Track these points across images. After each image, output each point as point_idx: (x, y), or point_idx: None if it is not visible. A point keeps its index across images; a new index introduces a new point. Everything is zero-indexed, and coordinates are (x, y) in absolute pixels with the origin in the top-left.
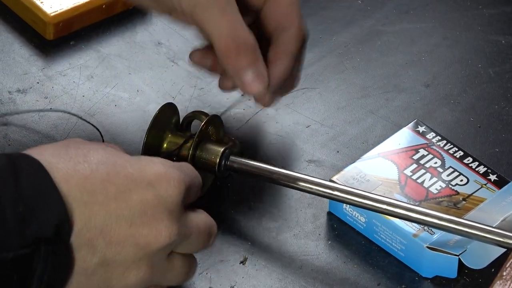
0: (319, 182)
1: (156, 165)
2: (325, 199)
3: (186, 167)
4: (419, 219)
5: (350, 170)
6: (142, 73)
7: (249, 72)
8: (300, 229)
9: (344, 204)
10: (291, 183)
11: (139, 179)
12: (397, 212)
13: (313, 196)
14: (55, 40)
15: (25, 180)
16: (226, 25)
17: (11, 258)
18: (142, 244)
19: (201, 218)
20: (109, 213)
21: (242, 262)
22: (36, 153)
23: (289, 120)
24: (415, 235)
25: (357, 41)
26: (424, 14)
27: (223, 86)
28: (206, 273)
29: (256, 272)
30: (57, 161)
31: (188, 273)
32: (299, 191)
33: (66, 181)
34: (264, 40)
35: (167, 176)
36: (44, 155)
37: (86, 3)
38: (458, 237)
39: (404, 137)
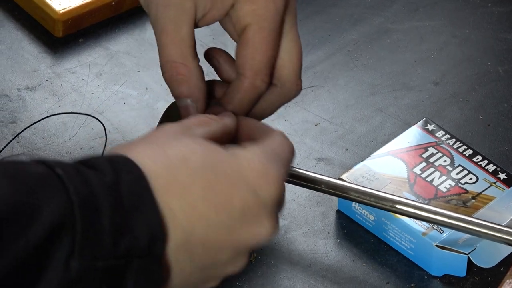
0: (328, 181)
1: (255, 164)
2: (334, 197)
3: (280, 146)
4: (428, 217)
5: (359, 168)
6: (151, 71)
7: (183, 100)
8: (309, 227)
9: (353, 203)
10: (299, 181)
11: (239, 182)
12: (406, 211)
13: (322, 194)
14: (64, 37)
15: (125, 188)
16: (164, 48)
17: (101, 267)
18: (241, 247)
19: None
20: (210, 223)
21: (251, 260)
22: (133, 153)
23: (298, 118)
24: (424, 234)
25: (366, 39)
26: (433, 12)
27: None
28: None
29: (264, 270)
30: (156, 167)
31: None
32: (308, 189)
33: (166, 191)
34: None
35: (266, 176)
36: (142, 157)
37: (95, 0)
38: (467, 236)
39: (413, 135)
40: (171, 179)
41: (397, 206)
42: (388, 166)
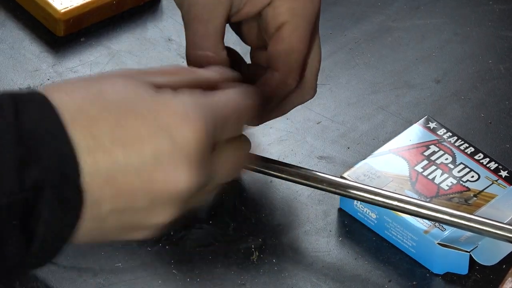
0: (330, 179)
1: (177, 105)
2: (336, 195)
3: (223, 101)
4: (430, 215)
5: (361, 167)
6: None
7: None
8: (311, 225)
9: (355, 201)
10: (301, 179)
11: (153, 123)
12: (408, 209)
13: (323, 192)
14: (66, 36)
15: (27, 121)
16: (195, 36)
17: (6, 203)
18: (158, 194)
19: (230, 160)
20: (114, 160)
21: (253, 259)
22: (53, 90)
23: (300, 116)
24: (426, 232)
25: (368, 37)
26: (434, 10)
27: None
28: (217, 270)
29: (266, 268)
30: (69, 100)
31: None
32: (309, 188)
33: (72, 123)
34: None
35: (186, 119)
36: (59, 93)
37: None
38: (469, 234)
39: (415, 133)
40: (79, 112)
41: (399, 204)
42: (390, 164)
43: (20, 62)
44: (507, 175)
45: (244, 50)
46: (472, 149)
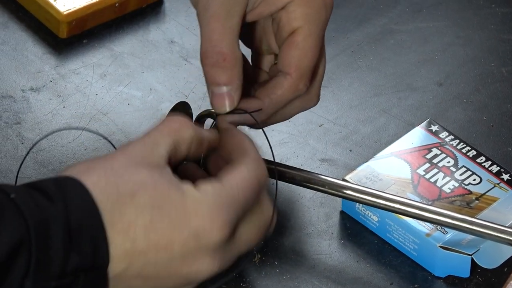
0: (332, 181)
1: (202, 209)
2: (337, 198)
3: (241, 189)
4: (432, 218)
5: (363, 169)
6: (155, 72)
7: (220, 87)
8: (313, 228)
9: (357, 204)
10: (303, 182)
11: (182, 225)
12: (410, 212)
13: (325, 195)
14: (68, 38)
15: (74, 213)
16: (213, 33)
17: (53, 285)
18: (183, 280)
19: (253, 231)
20: (148, 260)
21: (255, 261)
22: (87, 182)
23: (302, 119)
24: (428, 235)
25: (370, 39)
26: (437, 13)
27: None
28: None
29: (268, 271)
30: (106, 200)
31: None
32: (311, 190)
33: (111, 225)
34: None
35: (211, 220)
36: (94, 189)
37: (99, 1)
38: (471, 237)
39: (417, 136)
40: (117, 215)
41: (401, 207)
42: (392, 167)
43: (23, 64)
44: (509, 178)
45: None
46: (474, 152)
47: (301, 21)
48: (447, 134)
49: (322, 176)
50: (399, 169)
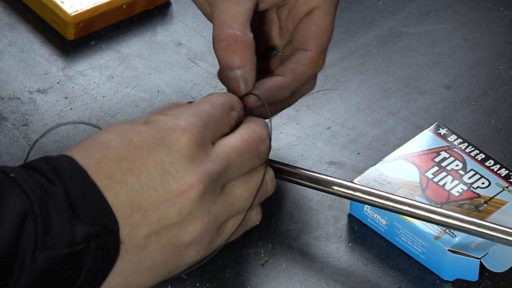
0: (340, 183)
1: (160, 123)
2: (345, 201)
3: (201, 105)
4: (441, 220)
5: (371, 173)
6: (162, 74)
7: (234, 71)
8: (321, 231)
9: (365, 206)
10: (312, 183)
11: (148, 143)
12: (419, 214)
13: (333, 198)
14: (76, 40)
15: (71, 183)
16: (225, 17)
17: (64, 254)
18: (180, 200)
19: (237, 138)
20: (130, 187)
21: (263, 264)
22: (70, 153)
23: (310, 122)
24: (436, 238)
25: (378, 42)
26: (445, 16)
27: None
28: (227, 275)
29: (276, 274)
30: (76, 151)
31: (260, 190)
32: (319, 192)
33: (88, 171)
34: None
35: (173, 129)
36: (76, 152)
37: (107, 3)
38: (479, 240)
39: (425, 139)
40: (86, 159)
41: (410, 209)
42: (400, 170)
43: (30, 65)
44: None
45: None
46: (483, 156)
47: (317, 1)
48: (455, 137)
49: (330, 178)
50: (407, 172)
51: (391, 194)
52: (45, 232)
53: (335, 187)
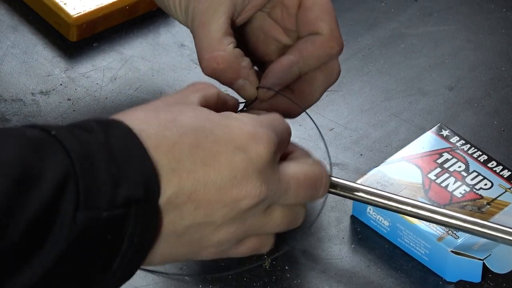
0: (343, 183)
1: (246, 126)
2: (348, 202)
3: (276, 120)
4: (444, 221)
5: (374, 174)
6: (165, 75)
7: (236, 83)
8: (324, 232)
9: (368, 208)
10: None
11: (228, 142)
12: (421, 214)
13: (336, 199)
14: (78, 41)
15: (116, 143)
16: (203, 43)
17: (105, 217)
18: (231, 205)
19: (302, 170)
20: (197, 179)
21: (266, 266)
22: (127, 119)
23: (313, 123)
24: (439, 239)
25: (381, 43)
26: (447, 17)
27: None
28: (230, 276)
29: (279, 275)
30: (147, 127)
31: (291, 223)
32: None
33: (155, 148)
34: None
35: (256, 137)
36: (133, 119)
37: (109, 4)
38: (482, 241)
39: (427, 141)
40: (161, 137)
41: (413, 209)
42: (403, 172)
43: (33, 67)
44: None
45: None
46: (485, 157)
47: None
48: (458, 138)
49: (334, 178)
50: (410, 173)
51: (394, 194)
52: (86, 193)
53: (338, 188)
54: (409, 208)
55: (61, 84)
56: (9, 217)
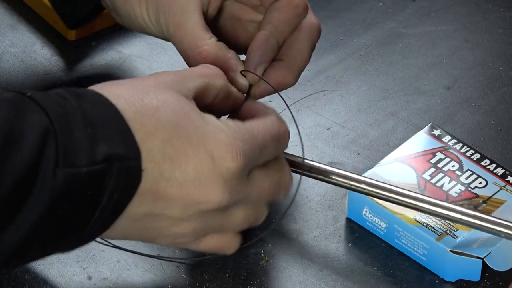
0: (345, 174)
1: (221, 135)
2: (345, 201)
3: (260, 130)
4: (445, 214)
5: (369, 176)
6: None
7: (229, 73)
8: (321, 231)
9: (364, 210)
10: (314, 174)
11: (199, 145)
12: (422, 207)
13: (333, 198)
14: (77, 40)
15: (89, 107)
16: (182, 43)
17: (84, 172)
18: (191, 205)
19: (266, 178)
20: (162, 172)
21: (263, 264)
22: (110, 90)
23: (310, 122)
24: (438, 239)
25: (378, 43)
26: (445, 17)
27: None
28: (227, 275)
29: (276, 274)
30: (128, 108)
31: (253, 222)
32: (319, 193)
33: (133, 129)
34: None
35: (228, 148)
36: (117, 96)
37: None
38: (482, 240)
39: (420, 141)
40: (138, 124)
41: (414, 202)
42: (398, 173)
43: (31, 66)
44: None
45: None
46: (478, 156)
47: None
48: (450, 138)
49: (331, 168)
50: (404, 174)
51: (395, 186)
52: (65, 150)
53: (339, 178)
54: (381, 191)
55: (59, 83)
56: None
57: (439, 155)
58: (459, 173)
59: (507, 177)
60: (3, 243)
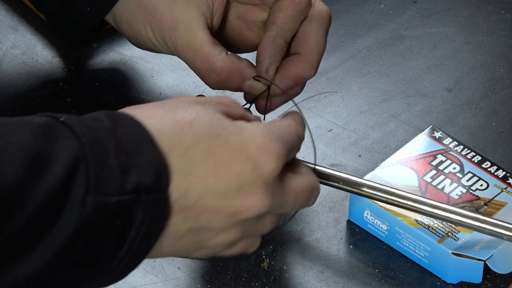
0: (347, 178)
1: (258, 138)
2: (346, 203)
3: (287, 130)
4: (445, 216)
5: (370, 178)
6: (164, 76)
7: (244, 85)
8: (322, 233)
9: (365, 212)
10: (319, 178)
11: (240, 152)
12: (423, 209)
13: (334, 200)
14: (78, 42)
15: (124, 133)
16: (194, 62)
17: (114, 202)
18: (234, 215)
19: (301, 183)
20: (206, 186)
21: (264, 266)
22: (142, 116)
23: (311, 124)
24: (439, 241)
25: (380, 45)
26: (446, 19)
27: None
28: (228, 276)
29: (277, 276)
30: (163, 128)
31: (276, 226)
32: (320, 194)
33: (170, 151)
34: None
35: (267, 150)
36: (150, 119)
37: None
38: (484, 242)
39: (421, 143)
40: (176, 140)
41: (415, 204)
42: (399, 175)
43: (33, 68)
44: None
45: None
46: (479, 158)
47: None
48: (450, 140)
49: (335, 172)
50: (405, 177)
51: (396, 189)
52: (96, 178)
53: (341, 183)
54: (382, 194)
55: (60, 85)
56: (20, 198)
57: (440, 157)
58: (460, 175)
59: (508, 179)
60: (23, 269)
